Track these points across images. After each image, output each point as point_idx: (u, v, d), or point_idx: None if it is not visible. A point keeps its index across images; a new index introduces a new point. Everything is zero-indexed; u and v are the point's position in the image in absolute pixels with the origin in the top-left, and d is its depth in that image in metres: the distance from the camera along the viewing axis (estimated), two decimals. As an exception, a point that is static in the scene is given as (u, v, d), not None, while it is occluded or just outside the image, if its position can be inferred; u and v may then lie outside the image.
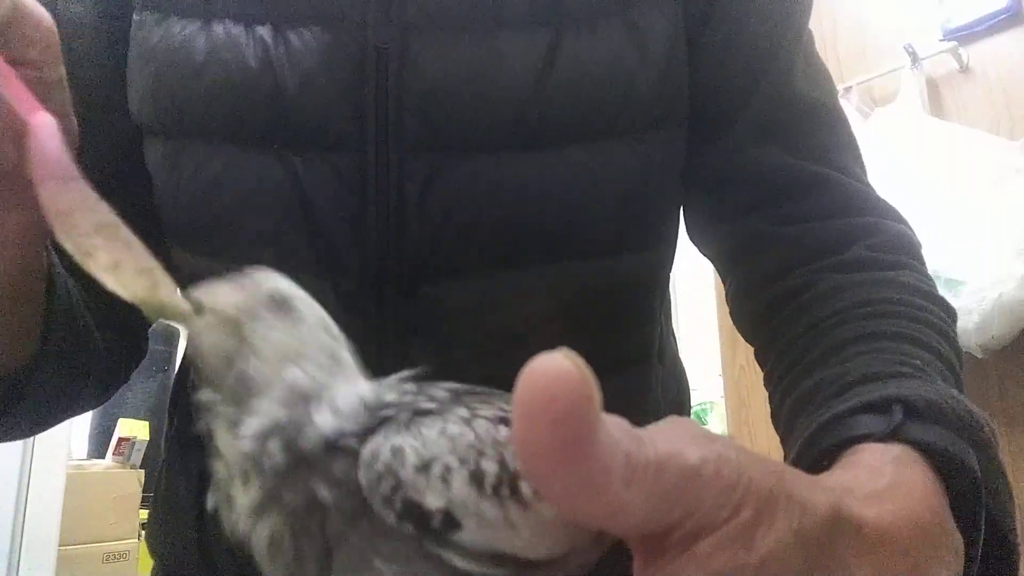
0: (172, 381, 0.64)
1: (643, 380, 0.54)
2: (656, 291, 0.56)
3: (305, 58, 0.47)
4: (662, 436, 0.21)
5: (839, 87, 1.86)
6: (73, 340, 0.48)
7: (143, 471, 2.82)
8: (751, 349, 0.55)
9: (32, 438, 2.08)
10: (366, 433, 0.26)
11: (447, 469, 0.24)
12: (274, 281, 0.28)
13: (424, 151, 0.47)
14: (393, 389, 0.28)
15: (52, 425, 0.52)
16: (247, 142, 0.48)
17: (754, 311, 0.53)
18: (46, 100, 0.32)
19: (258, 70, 0.47)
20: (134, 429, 2.86)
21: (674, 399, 0.59)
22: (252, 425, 0.25)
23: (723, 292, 0.58)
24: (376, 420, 0.26)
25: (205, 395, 0.27)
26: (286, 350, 0.27)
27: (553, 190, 0.48)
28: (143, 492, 2.75)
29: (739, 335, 0.57)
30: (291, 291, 0.28)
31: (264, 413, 0.26)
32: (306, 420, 0.26)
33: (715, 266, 0.59)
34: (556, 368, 0.19)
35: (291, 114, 0.47)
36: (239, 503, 0.26)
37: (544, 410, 0.19)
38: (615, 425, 0.20)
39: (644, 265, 0.53)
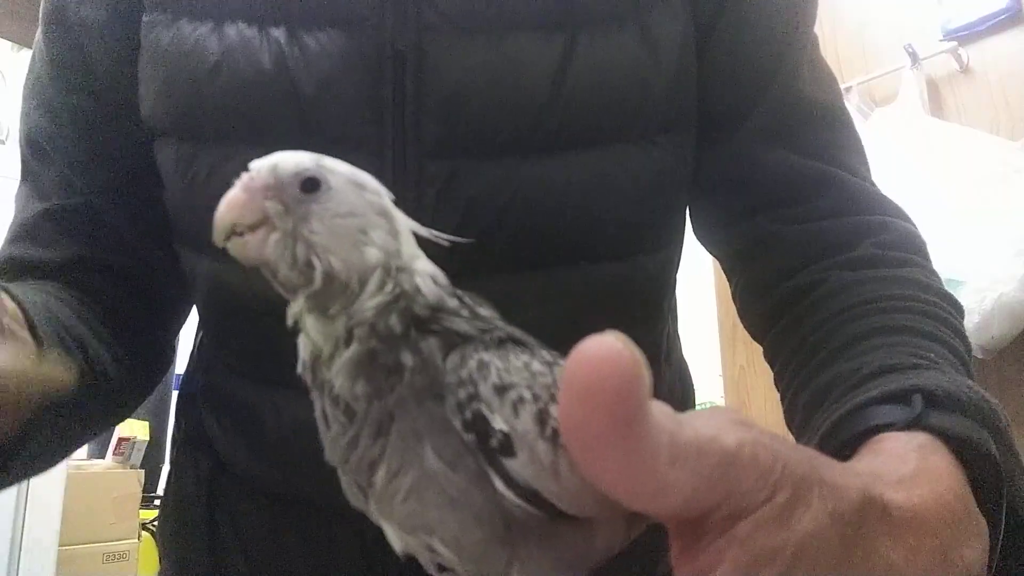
0: (173, 381, 0.64)
1: (651, 379, 0.55)
2: (665, 290, 0.56)
3: (322, 60, 0.47)
4: (701, 421, 0.22)
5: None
6: (72, 393, 0.46)
7: (143, 471, 2.82)
8: (751, 349, 0.55)
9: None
10: (452, 320, 0.28)
11: (520, 399, 0.26)
12: (287, 159, 0.28)
13: (442, 154, 0.47)
14: (478, 300, 0.30)
15: (56, 463, 0.50)
16: (263, 144, 0.47)
17: (763, 309, 0.54)
18: None
19: (273, 72, 0.47)
20: (134, 429, 2.86)
21: (679, 398, 0.59)
22: (370, 304, 0.27)
23: (723, 292, 0.59)
24: (481, 324, 0.28)
25: (295, 303, 0.28)
26: (349, 232, 0.27)
27: (569, 193, 0.48)
28: (143, 492, 2.75)
29: (739, 335, 0.58)
30: (307, 161, 0.28)
31: (374, 293, 0.27)
32: (414, 289, 0.28)
33: (722, 265, 0.59)
34: (608, 349, 0.19)
35: (308, 116, 0.47)
36: (334, 366, 0.27)
37: (597, 391, 0.19)
38: (658, 407, 0.21)
39: (655, 266, 0.54)
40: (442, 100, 0.46)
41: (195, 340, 0.63)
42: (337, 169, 0.29)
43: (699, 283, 2.16)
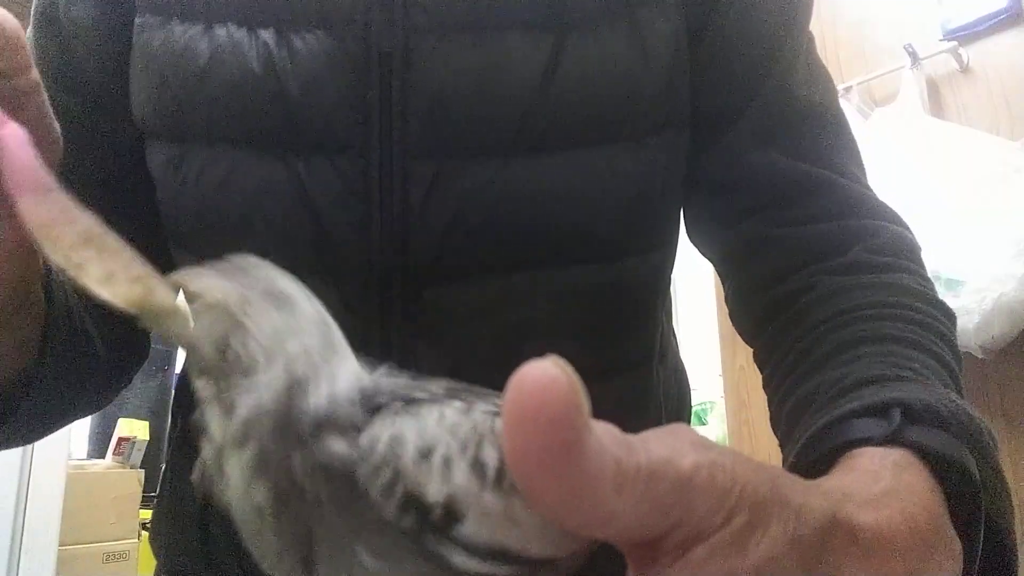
0: (173, 381, 0.64)
1: (645, 381, 0.54)
2: (658, 292, 0.56)
3: (309, 62, 0.47)
4: (656, 443, 0.21)
5: (839, 87, 1.85)
6: (72, 348, 0.48)
7: (143, 471, 2.82)
8: (751, 349, 0.55)
9: (32, 438, 2.09)
10: (360, 422, 0.25)
11: (448, 457, 0.24)
12: (266, 272, 0.28)
13: (428, 155, 0.46)
14: (387, 380, 0.27)
15: (49, 433, 0.51)
16: (251, 145, 0.48)
17: (754, 314, 0.53)
18: (19, 109, 0.32)
19: (262, 74, 0.47)
20: (134, 429, 2.86)
21: (675, 400, 0.59)
22: (249, 401, 0.25)
23: (723, 293, 0.59)
24: (370, 408, 0.25)
25: (199, 383, 0.26)
26: (281, 333, 0.26)
27: (558, 194, 0.48)
28: (143, 492, 2.75)
29: (739, 337, 0.57)
30: (285, 284, 0.28)
31: (262, 390, 0.25)
32: (302, 401, 0.25)
33: (715, 268, 0.59)
34: (545, 375, 0.19)
35: (295, 118, 0.47)
36: (230, 478, 0.25)
37: (533, 417, 0.19)
38: (605, 432, 0.20)
39: (647, 267, 0.53)
40: (428, 101, 0.46)
41: None
42: (306, 295, 0.28)
43: (699, 284, 2.16)
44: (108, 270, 0.26)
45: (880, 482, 0.28)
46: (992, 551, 0.31)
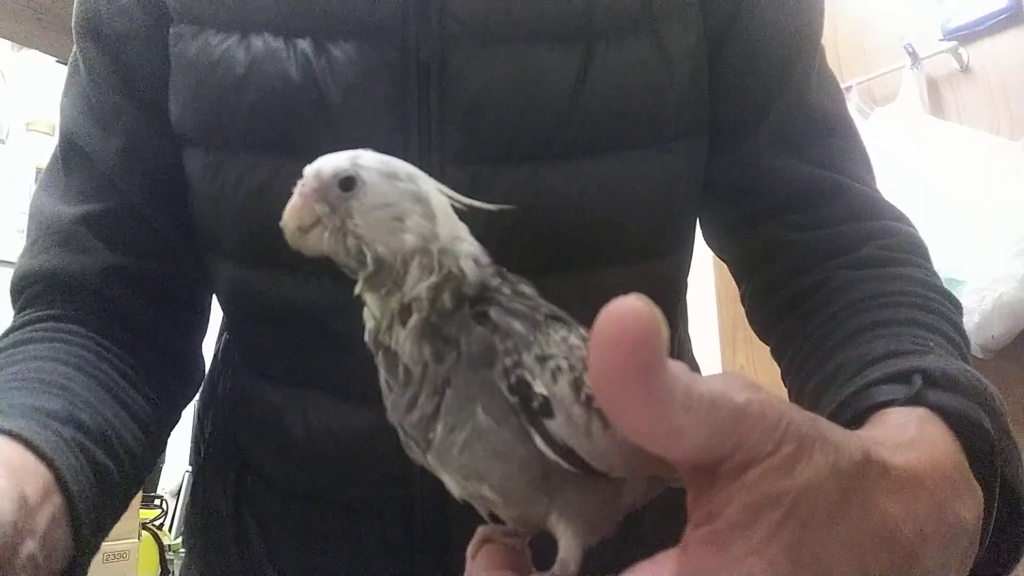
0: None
1: None
2: (677, 294, 0.57)
3: (348, 70, 0.48)
4: (714, 380, 0.24)
5: (839, 87, 1.85)
6: (109, 509, 0.44)
7: (143, 471, 2.82)
8: (751, 349, 0.56)
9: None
10: (505, 299, 0.31)
11: (558, 368, 0.30)
12: (327, 163, 0.32)
13: (464, 161, 0.48)
14: (529, 287, 0.33)
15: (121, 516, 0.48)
16: (291, 152, 0.49)
17: (771, 309, 0.55)
18: None
19: (301, 82, 0.48)
20: (134, 429, 2.86)
21: None
22: (419, 282, 0.31)
23: (723, 292, 0.59)
24: (515, 294, 0.32)
25: (357, 284, 0.32)
26: (385, 222, 0.31)
27: (587, 198, 0.49)
28: (143, 492, 2.76)
29: (739, 335, 0.58)
30: (343, 162, 0.32)
31: (421, 276, 0.31)
32: (460, 272, 0.31)
33: (731, 270, 0.60)
34: (631, 306, 0.22)
35: (335, 124, 0.48)
36: (399, 342, 0.31)
37: (619, 339, 0.22)
38: (677, 364, 0.23)
39: (668, 269, 0.55)
40: (464, 109, 0.47)
41: (218, 344, 0.64)
42: (369, 165, 0.32)
43: (699, 283, 2.16)
44: None
45: (907, 432, 0.31)
46: (1006, 509, 0.33)
